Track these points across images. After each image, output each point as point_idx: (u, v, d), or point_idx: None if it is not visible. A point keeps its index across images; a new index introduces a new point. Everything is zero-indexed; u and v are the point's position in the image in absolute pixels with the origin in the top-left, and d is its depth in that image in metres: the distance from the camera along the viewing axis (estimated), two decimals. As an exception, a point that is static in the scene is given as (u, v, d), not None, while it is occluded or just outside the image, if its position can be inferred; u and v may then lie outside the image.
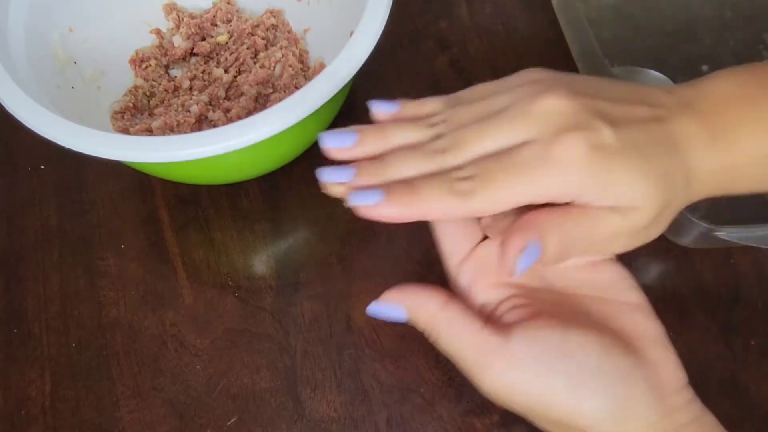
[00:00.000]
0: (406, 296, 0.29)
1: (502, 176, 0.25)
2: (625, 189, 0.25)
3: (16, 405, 0.39)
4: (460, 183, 0.25)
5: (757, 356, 0.38)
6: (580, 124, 0.25)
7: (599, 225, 0.26)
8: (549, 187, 0.25)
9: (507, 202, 0.25)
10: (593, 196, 0.25)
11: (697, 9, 0.50)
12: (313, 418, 0.38)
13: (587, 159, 0.24)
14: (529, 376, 0.26)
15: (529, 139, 0.25)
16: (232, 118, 0.43)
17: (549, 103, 0.25)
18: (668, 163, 0.26)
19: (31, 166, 0.47)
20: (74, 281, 0.42)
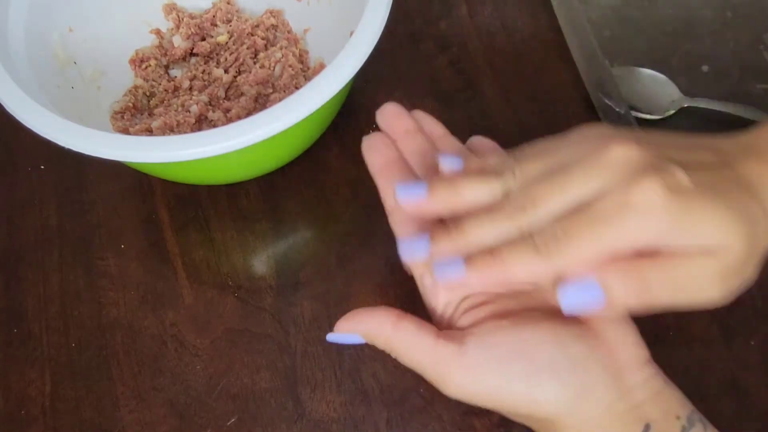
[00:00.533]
0: (357, 324, 0.30)
1: (584, 231, 0.25)
2: (709, 228, 0.24)
3: (16, 405, 0.39)
4: (545, 243, 0.25)
5: (757, 356, 0.38)
6: (653, 168, 0.25)
7: (690, 268, 0.25)
8: (631, 234, 0.24)
9: (591, 255, 0.25)
10: (677, 240, 0.24)
11: (697, 9, 0.50)
12: (313, 418, 0.38)
13: (666, 201, 0.24)
14: (486, 381, 0.27)
15: (604, 188, 0.25)
16: (232, 118, 0.43)
17: (619, 152, 0.25)
18: (746, 202, 0.25)
19: (31, 166, 0.47)
20: (74, 281, 0.42)
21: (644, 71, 0.46)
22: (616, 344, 0.28)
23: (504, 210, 0.27)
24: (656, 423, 0.27)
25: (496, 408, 0.28)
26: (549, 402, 0.27)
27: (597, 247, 0.25)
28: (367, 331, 0.29)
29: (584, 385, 0.27)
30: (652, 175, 0.24)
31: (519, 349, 0.27)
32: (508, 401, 0.27)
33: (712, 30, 0.49)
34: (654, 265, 0.25)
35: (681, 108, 0.45)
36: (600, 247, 0.25)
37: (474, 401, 0.28)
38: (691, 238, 0.24)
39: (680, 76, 0.46)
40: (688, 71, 0.47)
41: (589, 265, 0.25)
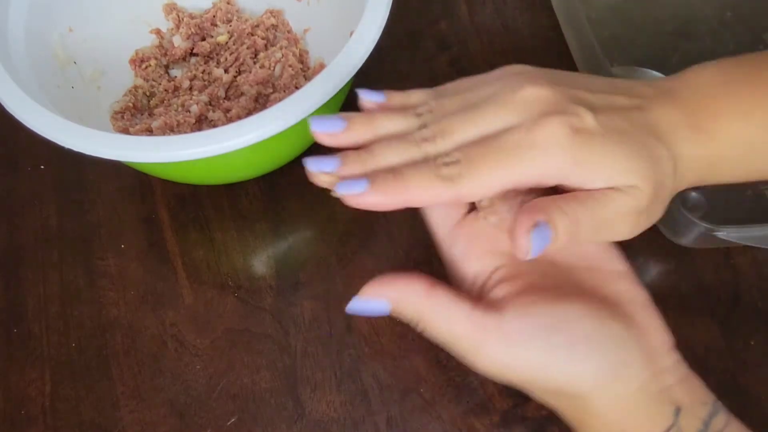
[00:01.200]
0: (387, 288, 0.28)
1: (486, 160, 0.25)
2: (612, 168, 0.25)
3: (16, 405, 0.39)
4: (445, 168, 0.26)
5: (757, 356, 0.38)
6: (560, 109, 0.26)
7: (605, 205, 0.26)
8: (533, 169, 0.25)
9: (492, 185, 0.26)
10: (580, 178, 0.26)
11: (697, 9, 0.50)
12: (313, 418, 0.38)
13: (569, 141, 0.25)
14: (526, 352, 0.26)
15: (511, 125, 0.26)
16: (232, 118, 0.43)
17: (530, 92, 0.26)
18: (652, 146, 0.26)
19: (31, 166, 0.47)
20: (74, 281, 0.42)
21: (644, 71, 0.46)
22: (647, 327, 0.28)
23: (414, 137, 0.27)
24: (685, 407, 0.27)
25: (526, 382, 0.27)
26: (586, 376, 0.26)
27: (497, 177, 0.25)
28: (399, 297, 0.27)
29: (621, 362, 0.26)
30: (557, 115, 0.25)
31: (559, 322, 0.27)
32: (544, 374, 0.26)
33: (712, 30, 0.49)
34: (580, 202, 0.26)
35: (681, 108, 0.45)
36: (500, 178, 0.25)
37: (505, 375, 0.27)
38: (595, 178, 0.26)
39: (680, 76, 0.46)
40: (688, 71, 0.47)
41: (485, 195, 0.26)
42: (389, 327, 0.40)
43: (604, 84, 0.28)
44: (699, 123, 0.28)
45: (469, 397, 0.38)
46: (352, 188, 0.26)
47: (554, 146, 0.25)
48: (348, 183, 0.26)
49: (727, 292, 0.40)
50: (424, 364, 0.38)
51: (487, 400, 0.37)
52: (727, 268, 0.41)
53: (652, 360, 0.27)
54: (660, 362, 0.27)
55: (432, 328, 0.27)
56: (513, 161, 0.25)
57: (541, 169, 0.25)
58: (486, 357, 0.27)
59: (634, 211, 0.26)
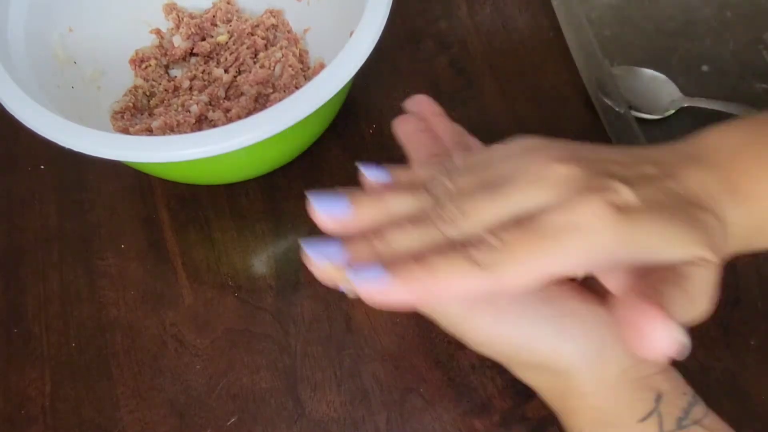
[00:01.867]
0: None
1: (526, 245, 0.23)
2: (670, 242, 0.23)
3: (16, 405, 0.39)
4: (479, 254, 0.23)
5: (757, 356, 0.38)
6: (596, 186, 0.24)
7: (694, 282, 0.24)
8: (579, 253, 0.23)
9: (535, 273, 0.23)
10: (631, 257, 0.24)
11: (697, 9, 0.50)
12: (313, 418, 0.38)
13: (614, 220, 0.23)
14: (514, 323, 0.26)
15: (543, 205, 0.24)
16: (232, 118, 0.43)
17: (560, 170, 0.24)
18: (699, 215, 0.25)
19: (31, 166, 0.47)
20: (74, 281, 0.42)
21: (644, 71, 0.46)
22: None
23: (432, 220, 0.25)
24: (666, 394, 0.27)
25: (507, 354, 0.27)
26: (572, 350, 0.27)
27: (542, 264, 0.23)
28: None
29: (605, 342, 0.27)
30: (596, 193, 0.23)
31: (547, 297, 0.27)
32: (530, 346, 0.27)
33: (712, 30, 0.49)
34: (674, 284, 0.23)
35: (681, 108, 0.45)
36: (544, 265, 0.23)
37: (491, 346, 0.27)
38: (656, 252, 0.23)
39: (680, 75, 0.46)
40: (688, 71, 0.47)
41: (528, 284, 0.23)
42: (389, 327, 0.40)
43: (626, 155, 0.27)
44: (736, 187, 0.26)
45: (469, 397, 0.38)
46: (372, 280, 0.23)
47: (599, 227, 0.23)
48: (363, 272, 0.23)
49: (727, 293, 0.40)
50: (424, 364, 0.38)
51: (487, 400, 0.37)
52: (727, 268, 0.41)
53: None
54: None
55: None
56: (556, 245, 0.23)
57: (589, 252, 0.23)
58: (474, 326, 0.27)
59: (713, 282, 0.24)
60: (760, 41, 0.48)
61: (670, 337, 0.22)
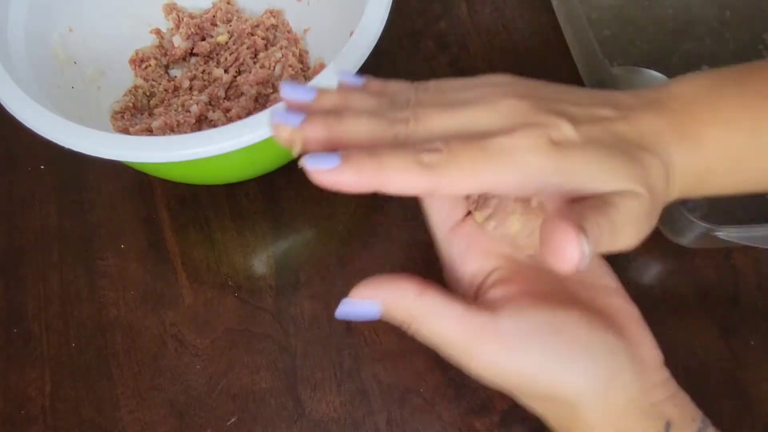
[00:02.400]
0: (377, 290, 0.27)
1: (470, 155, 0.24)
2: (601, 174, 0.25)
3: (16, 405, 0.39)
4: (426, 155, 0.24)
5: (757, 356, 0.38)
6: (539, 122, 0.25)
7: (619, 210, 0.25)
8: (514, 173, 0.25)
9: (473, 182, 0.25)
10: (569, 185, 0.25)
11: (697, 9, 0.50)
12: (313, 418, 0.38)
13: (547, 150, 0.25)
14: (520, 353, 0.26)
15: (489, 129, 0.25)
16: (232, 118, 0.43)
17: (511, 101, 0.26)
18: (639, 154, 0.26)
19: (31, 166, 0.47)
20: (74, 281, 0.42)
21: (644, 71, 0.46)
22: (639, 342, 0.28)
23: (387, 116, 0.26)
24: (675, 422, 0.27)
25: (513, 385, 0.27)
26: (579, 382, 0.26)
27: (477, 177, 0.25)
28: (390, 299, 0.27)
29: (613, 372, 0.26)
30: (537, 128, 0.25)
31: (555, 326, 0.26)
32: (535, 377, 0.26)
33: (712, 30, 0.49)
34: (598, 209, 0.25)
35: (681, 108, 0.45)
36: (480, 179, 0.25)
37: (494, 376, 0.27)
38: (586, 183, 0.25)
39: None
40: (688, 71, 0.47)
41: (462, 191, 0.25)
42: (389, 327, 0.39)
43: (589, 96, 0.28)
44: (685, 130, 0.27)
45: (469, 397, 0.38)
46: (322, 163, 0.24)
47: (535, 155, 0.25)
48: (318, 157, 0.24)
49: (727, 292, 0.40)
50: (424, 364, 0.38)
51: (487, 400, 0.37)
52: (727, 268, 0.41)
53: (643, 374, 0.27)
54: (651, 377, 0.27)
55: (424, 330, 0.27)
56: (495, 162, 0.25)
57: (523, 174, 0.25)
58: (479, 359, 0.26)
59: (641, 215, 0.26)
60: (760, 41, 0.48)
61: (578, 248, 0.23)
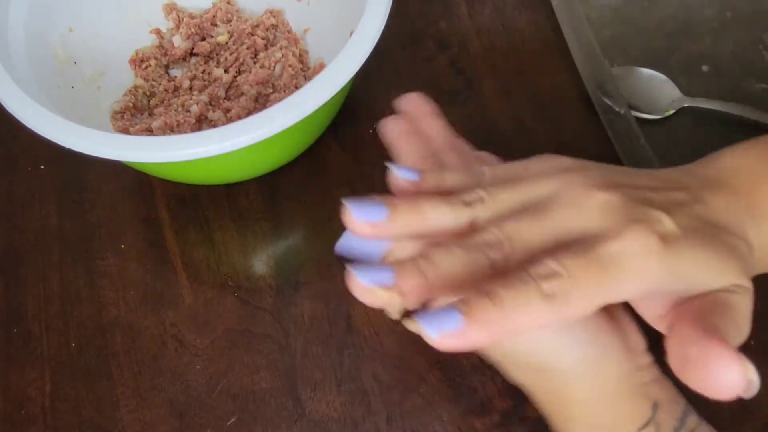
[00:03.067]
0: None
1: (593, 274, 0.22)
2: (711, 271, 0.24)
3: (16, 405, 0.39)
4: (546, 283, 0.22)
5: (757, 356, 0.38)
6: (639, 217, 0.24)
7: (739, 310, 0.24)
8: (635, 281, 0.23)
9: (598, 302, 0.23)
10: (675, 286, 0.24)
11: (697, 9, 0.50)
12: (313, 418, 0.38)
13: (661, 250, 0.23)
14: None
15: (587, 231, 0.24)
16: (232, 118, 0.43)
17: (602, 198, 0.24)
18: (731, 240, 0.25)
19: (31, 166, 0.47)
20: (74, 281, 0.42)
21: (644, 71, 0.46)
22: (625, 326, 0.28)
23: (475, 242, 0.24)
24: (662, 404, 0.27)
25: (507, 356, 0.28)
26: (573, 354, 0.27)
27: (603, 294, 0.22)
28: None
29: (605, 349, 0.27)
30: (643, 223, 0.23)
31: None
32: (531, 347, 0.27)
33: (712, 30, 0.49)
34: (723, 316, 0.23)
35: (681, 108, 0.45)
36: (605, 294, 0.22)
37: (491, 347, 0.27)
38: (698, 282, 0.24)
39: (680, 76, 0.46)
40: (688, 71, 0.47)
41: (587, 312, 0.23)
42: (389, 327, 0.40)
43: (653, 179, 0.27)
44: (755, 208, 0.27)
45: (469, 397, 0.38)
46: (445, 324, 0.21)
47: (650, 257, 0.23)
48: (434, 318, 0.22)
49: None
50: (424, 364, 0.38)
51: (487, 400, 0.37)
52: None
53: (631, 355, 0.28)
54: (638, 359, 0.28)
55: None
56: (614, 275, 0.22)
57: (642, 281, 0.23)
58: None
59: (751, 309, 0.25)
60: (760, 41, 0.48)
61: (743, 375, 0.21)
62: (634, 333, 0.28)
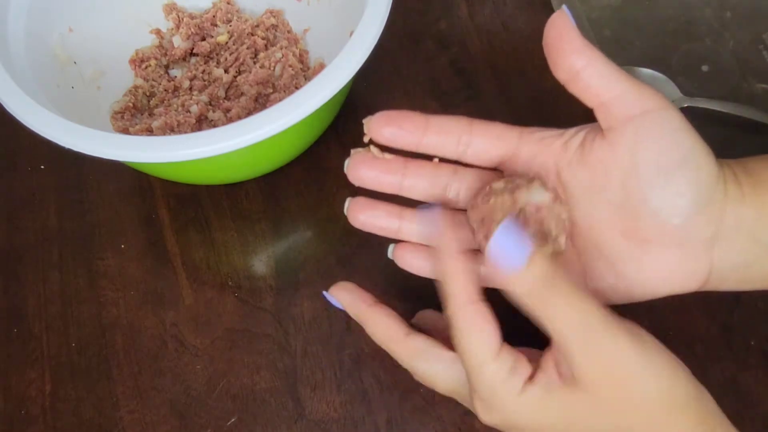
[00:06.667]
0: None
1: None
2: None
3: (16, 405, 0.39)
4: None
5: (757, 356, 0.38)
6: None
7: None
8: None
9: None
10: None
11: (697, 9, 0.50)
12: (313, 418, 0.38)
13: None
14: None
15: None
16: (232, 118, 0.43)
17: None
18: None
19: (31, 166, 0.47)
20: (74, 281, 0.42)
21: (644, 71, 0.46)
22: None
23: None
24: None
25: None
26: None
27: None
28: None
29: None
30: None
31: (583, 402, 0.27)
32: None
33: (712, 30, 0.49)
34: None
35: (681, 108, 0.45)
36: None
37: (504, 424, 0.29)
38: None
39: (680, 75, 0.46)
40: (688, 71, 0.47)
41: None
42: (389, 327, 0.40)
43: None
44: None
45: (469, 397, 0.37)
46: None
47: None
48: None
49: (727, 292, 0.40)
50: (424, 364, 0.38)
51: (487, 400, 0.37)
52: (727, 268, 0.41)
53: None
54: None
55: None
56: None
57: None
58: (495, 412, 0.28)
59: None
60: (760, 41, 0.48)
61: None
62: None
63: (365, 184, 0.33)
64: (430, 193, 0.33)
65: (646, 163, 0.27)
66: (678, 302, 0.40)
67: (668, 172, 0.27)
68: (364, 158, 0.33)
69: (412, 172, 0.33)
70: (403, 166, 0.33)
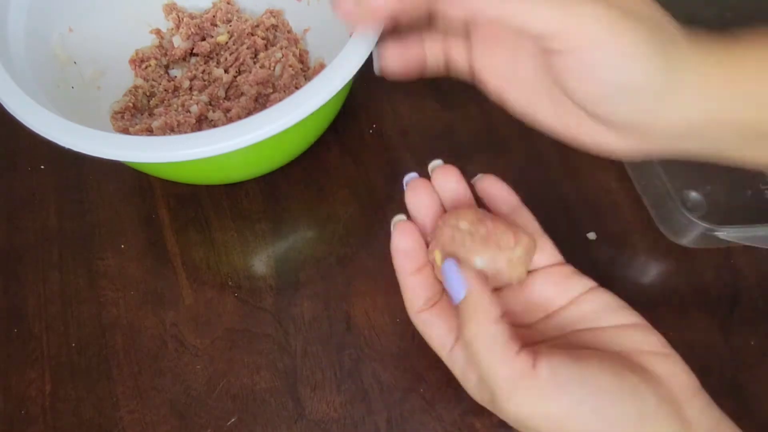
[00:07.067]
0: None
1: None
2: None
3: (16, 405, 0.39)
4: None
5: (757, 356, 0.38)
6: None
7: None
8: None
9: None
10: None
11: (697, 9, 0.50)
12: (313, 418, 0.38)
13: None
14: (553, 402, 0.27)
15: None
16: (232, 118, 0.43)
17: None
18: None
19: (31, 166, 0.47)
20: (74, 281, 0.42)
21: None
22: (667, 375, 0.28)
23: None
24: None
25: (544, 428, 0.28)
26: (610, 429, 0.26)
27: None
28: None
29: (642, 416, 0.27)
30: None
31: (584, 378, 0.27)
32: (569, 424, 0.27)
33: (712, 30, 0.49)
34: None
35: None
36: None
37: (530, 420, 0.28)
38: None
39: (680, 76, 0.46)
40: (688, 71, 0.47)
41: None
42: (389, 327, 0.40)
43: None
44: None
45: (469, 397, 0.37)
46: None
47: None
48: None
49: (727, 292, 0.40)
50: (424, 364, 0.38)
51: (487, 400, 0.37)
52: (727, 268, 0.41)
53: (677, 411, 0.27)
54: (686, 411, 0.27)
55: (476, 353, 0.28)
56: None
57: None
58: (516, 401, 0.27)
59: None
60: (760, 41, 0.48)
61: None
62: (676, 377, 0.28)
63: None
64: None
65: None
66: (678, 302, 0.40)
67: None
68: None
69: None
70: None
